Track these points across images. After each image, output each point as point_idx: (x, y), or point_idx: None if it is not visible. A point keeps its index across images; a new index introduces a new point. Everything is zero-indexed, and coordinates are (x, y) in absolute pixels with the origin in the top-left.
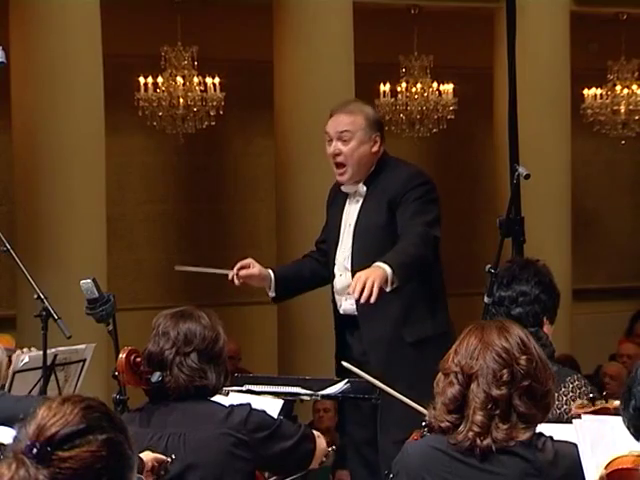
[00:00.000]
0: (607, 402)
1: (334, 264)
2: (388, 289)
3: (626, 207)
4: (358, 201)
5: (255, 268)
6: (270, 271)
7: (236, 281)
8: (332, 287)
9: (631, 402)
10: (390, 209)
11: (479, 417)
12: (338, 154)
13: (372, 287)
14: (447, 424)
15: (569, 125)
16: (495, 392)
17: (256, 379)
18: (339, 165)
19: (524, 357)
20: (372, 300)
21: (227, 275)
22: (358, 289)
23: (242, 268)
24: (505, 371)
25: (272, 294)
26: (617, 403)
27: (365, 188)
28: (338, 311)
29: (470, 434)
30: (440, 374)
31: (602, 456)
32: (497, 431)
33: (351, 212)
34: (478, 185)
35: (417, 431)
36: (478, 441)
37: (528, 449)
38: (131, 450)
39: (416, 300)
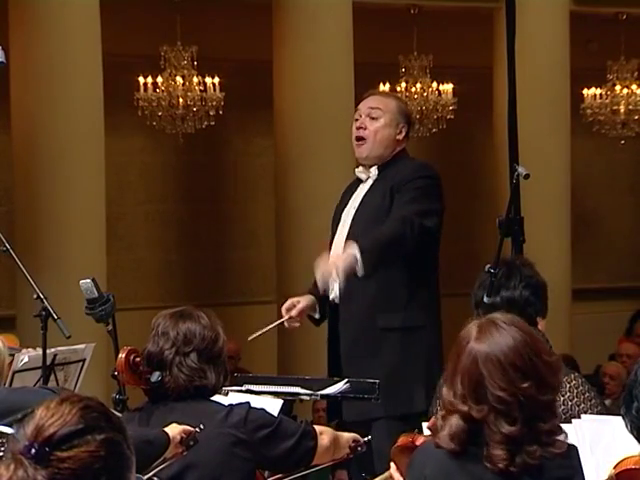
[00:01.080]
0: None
1: (332, 245)
2: (359, 273)
3: (626, 207)
4: (368, 185)
5: (301, 303)
6: (310, 296)
7: (295, 324)
8: None
9: (633, 404)
10: (392, 195)
11: (499, 452)
12: (363, 128)
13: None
14: (455, 448)
15: (569, 125)
16: (507, 429)
17: (256, 379)
18: (360, 138)
19: (524, 385)
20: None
21: (283, 323)
22: None
23: (289, 310)
24: (513, 406)
25: (317, 316)
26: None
27: (377, 172)
28: (329, 300)
29: (500, 465)
30: (446, 401)
31: (602, 456)
32: (527, 456)
33: (358, 196)
34: (478, 185)
35: (405, 435)
36: (512, 468)
37: (566, 459)
38: (130, 450)
39: (396, 288)
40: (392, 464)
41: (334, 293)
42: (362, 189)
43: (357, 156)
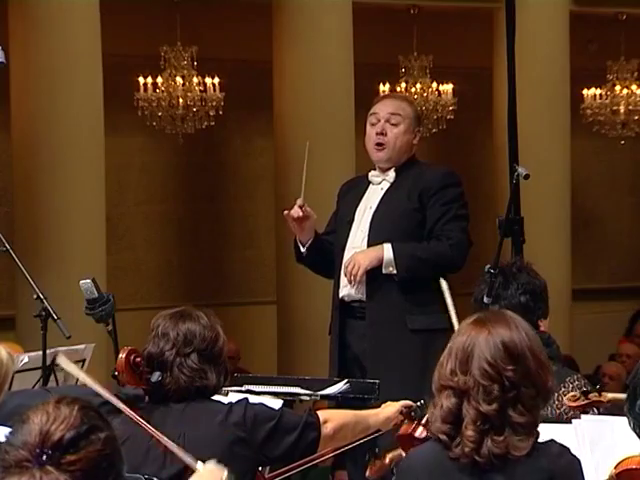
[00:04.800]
0: (600, 395)
1: (346, 243)
2: (384, 271)
3: (626, 207)
4: (382, 188)
5: (311, 218)
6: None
7: (297, 212)
8: (339, 266)
9: (637, 402)
10: (420, 200)
11: (470, 432)
12: (384, 134)
13: (355, 274)
14: (443, 436)
15: (568, 125)
16: (485, 408)
17: (255, 379)
18: (380, 144)
19: (510, 368)
20: (353, 284)
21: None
22: (347, 272)
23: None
24: (495, 386)
25: (303, 250)
26: (611, 396)
27: (394, 174)
28: (337, 298)
29: (466, 449)
30: (436, 380)
31: (601, 456)
32: (493, 444)
33: (373, 197)
34: (478, 185)
35: (406, 424)
36: (476, 457)
37: (531, 457)
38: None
39: (424, 291)
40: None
41: (345, 290)
42: (375, 190)
43: (375, 160)
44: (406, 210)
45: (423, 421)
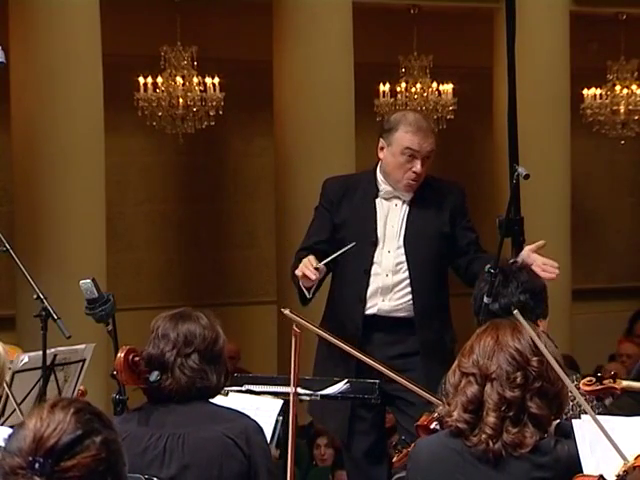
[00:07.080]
0: (615, 382)
1: (371, 265)
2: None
3: (626, 207)
4: (397, 205)
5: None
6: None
7: (316, 274)
8: (364, 287)
9: None
10: (452, 221)
11: (492, 419)
12: (422, 175)
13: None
14: (464, 425)
15: (568, 125)
16: (508, 394)
17: (256, 379)
18: (415, 180)
19: (535, 359)
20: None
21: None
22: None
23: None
24: (519, 374)
25: (309, 295)
26: (625, 383)
27: (412, 194)
28: (359, 314)
29: (483, 436)
30: (457, 371)
31: (602, 456)
32: (507, 434)
33: (393, 214)
34: (478, 185)
35: (427, 414)
36: (490, 444)
37: (538, 453)
38: (121, 445)
39: (447, 307)
40: None
41: (377, 309)
42: (391, 208)
43: (403, 191)
44: (437, 230)
45: (436, 414)
